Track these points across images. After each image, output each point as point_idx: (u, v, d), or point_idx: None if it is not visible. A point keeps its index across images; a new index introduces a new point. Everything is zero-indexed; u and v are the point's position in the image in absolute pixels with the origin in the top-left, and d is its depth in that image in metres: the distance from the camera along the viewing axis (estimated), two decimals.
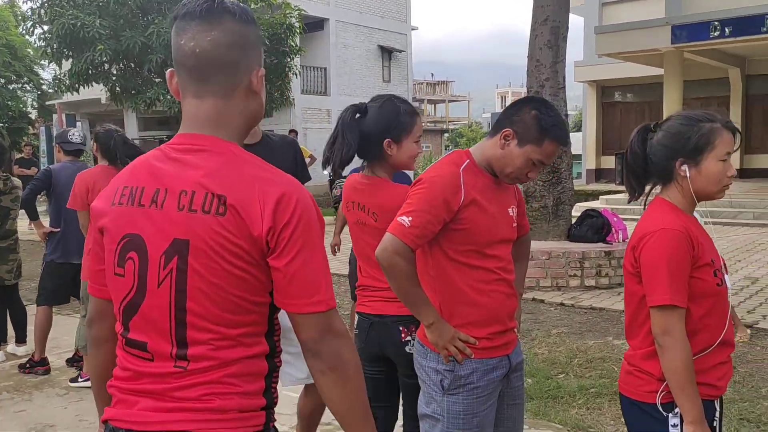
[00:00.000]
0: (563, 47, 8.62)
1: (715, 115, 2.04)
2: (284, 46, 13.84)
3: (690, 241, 1.95)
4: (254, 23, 1.46)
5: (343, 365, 1.41)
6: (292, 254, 1.35)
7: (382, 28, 26.89)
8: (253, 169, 1.39)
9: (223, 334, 1.38)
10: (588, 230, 8.12)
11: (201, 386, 1.38)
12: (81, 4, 12.39)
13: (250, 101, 1.46)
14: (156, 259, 1.37)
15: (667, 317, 1.92)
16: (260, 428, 1.42)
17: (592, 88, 21.70)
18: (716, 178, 1.99)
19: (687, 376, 1.92)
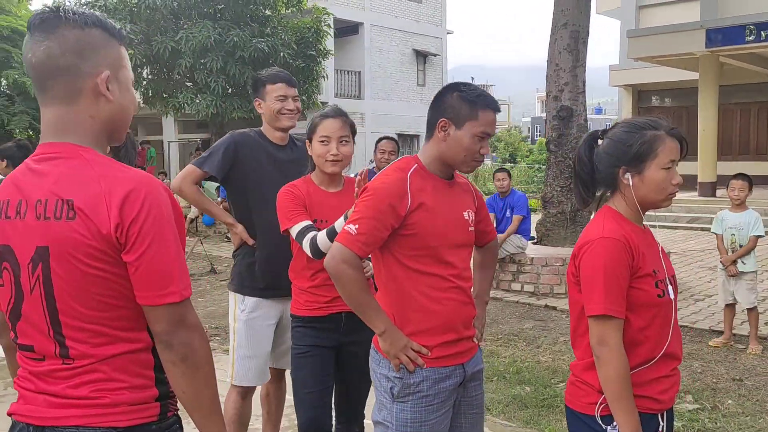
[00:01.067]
0: (583, 51, 8.52)
1: (659, 122, 1.99)
2: (312, 50, 13.95)
3: (629, 251, 1.90)
4: (99, 26, 1.47)
5: (194, 355, 1.46)
6: (142, 248, 1.40)
7: (418, 32, 26.90)
8: (102, 169, 1.43)
9: (97, 331, 1.44)
10: None
11: (90, 384, 1.45)
12: (113, 9, 12.74)
13: (101, 104, 1.48)
14: (25, 267, 1.44)
15: (603, 327, 1.89)
16: (155, 418, 1.49)
17: (628, 92, 21.30)
18: (659, 186, 1.94)
19: (622, 388, 1.87)
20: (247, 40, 12.43)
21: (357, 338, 2.85)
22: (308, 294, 2.84)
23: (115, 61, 1.50)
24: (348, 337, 2.88)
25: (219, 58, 12.39)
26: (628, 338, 1.92)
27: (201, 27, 12.36)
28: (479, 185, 20.31)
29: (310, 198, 2.81)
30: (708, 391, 4.68)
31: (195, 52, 12.36)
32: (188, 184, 3.23)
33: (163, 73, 13.70)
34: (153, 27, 12.88)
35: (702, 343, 5.79)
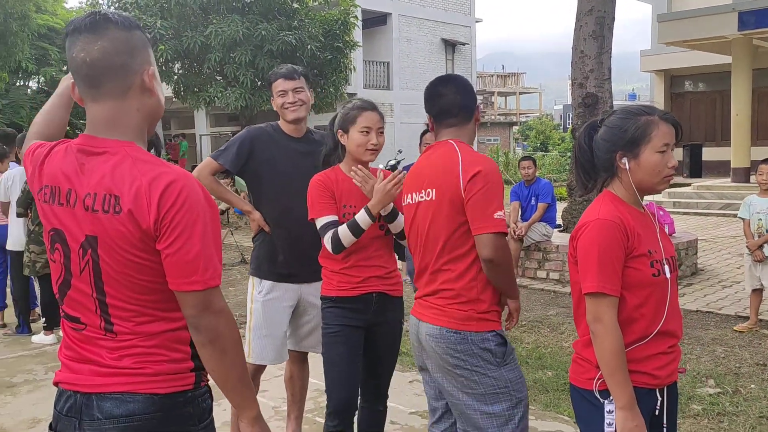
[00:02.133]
0: (609, 38, 8.46)
1: (653, 108, 2.09)
2: (339, 42, 14.05)
3: (624, 231, 1.99)
4: (138, 28, 1.64)
5: (220, 339, 1.59)
6: (172, 238, 1.53)
7: (446, 21, 26.79)
8: (144, 166, 1.57)
9: (139, 311, 1.60)
10: None
11: (133, 356, 1.60)
12: (144, 6, 13.00)
13: (145, 98, 1.63)
14: (76, 251, 1.59)
15: (597, 304, 1.98)
16: (190, 387, 1.64)
17: (660, 77, 20.98)
18: (655, 169, 2.03)
19: (616, 363, 1.95)
20: (274, 33, 12.58)
21: (386, 318, 3.04)
22: (340, 275, 2.97)
23: (152, 59, 1.66)
24: (377, 317, 3.02)
25: (248, 52, 12.56)
26: (624, 316, 2.00)
27: (230, 21, 12.55)
28: (510, 173, 20.13)
29: (338, 186, 2.96)
30: (730, 375, 4.70)
31: (224, 46, 12.55)
32: (205, 175, 3.41)
33: (193, 68, 13.94)
34: (183, 22, 13.10)
35: (726, 329, 5.79)
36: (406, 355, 5.17)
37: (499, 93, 50.29)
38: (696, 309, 6.39)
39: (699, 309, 6.38)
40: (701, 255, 8.79)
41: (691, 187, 15.23)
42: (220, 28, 12.41)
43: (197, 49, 12.61)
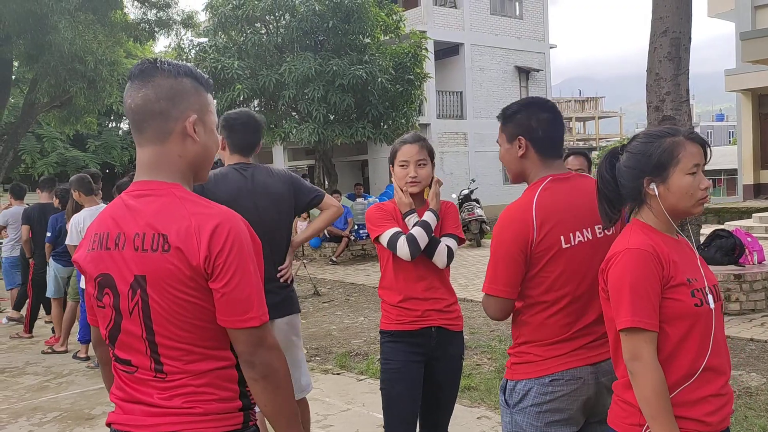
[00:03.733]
0: (686, 59, 8.15)
1: (677, 129, 1.95)
2: (410, 75, 14.18)
3: (658, 259, 1.84)
4: (189, 76, 1.67)
5: (274, 374, 1.61)
6: (227, 278, 1.55)
7: (519, 49, 26.65)
8: (192, 207, 1.60)
9: (188, 350, 1.61)
10: (717, 252, 7.55)
11: (182, 396, 1.62)
12: (222, 48, 13.55)
13: (188, 145, 1.66)
14: (125, 293, 1.62)
15: (634, 341, 1.82)
16: (239, 427, 1.65)
17: (747, 97, 20.06)
18: (687, 192, 1.89)
19: (659, 405, 1.79)
20: (345, 68, 12.83)
21: (446, 352, 3.01)
22: (399, 309, 2.96)
23: (202, 106, 1.68)
24: (437, 351, 2.98)
25: (320, 88, 12.85)
26: (666, 352, 1.84)
27: (303, 59, 12.90)
28: None
29: (396, 217, 3.02)
30: None
31: (297, 83, 12.89)
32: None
33: (269, 105, 14.37)
34: (259, 62, 13.57)
35: None
36: (475, 390, 5.06)
37: (577, 118, 49.42)
38: None
39: None
40: None
41: None
42: (293, 66, 12.77)
43: (272, 86, 13.00)
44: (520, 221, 2.23)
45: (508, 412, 2.32)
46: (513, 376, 2.31)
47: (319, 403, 5.03)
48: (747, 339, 6.16)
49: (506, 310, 2.29)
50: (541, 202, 2.24)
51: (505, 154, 2.40)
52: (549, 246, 2.21)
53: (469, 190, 15.10)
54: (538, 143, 2.33)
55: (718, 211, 17.58)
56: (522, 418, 2.27)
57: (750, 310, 7.04)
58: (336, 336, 7.24)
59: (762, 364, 5.46)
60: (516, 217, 2.25)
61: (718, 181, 38.56)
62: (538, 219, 2.21)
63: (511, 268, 2.22)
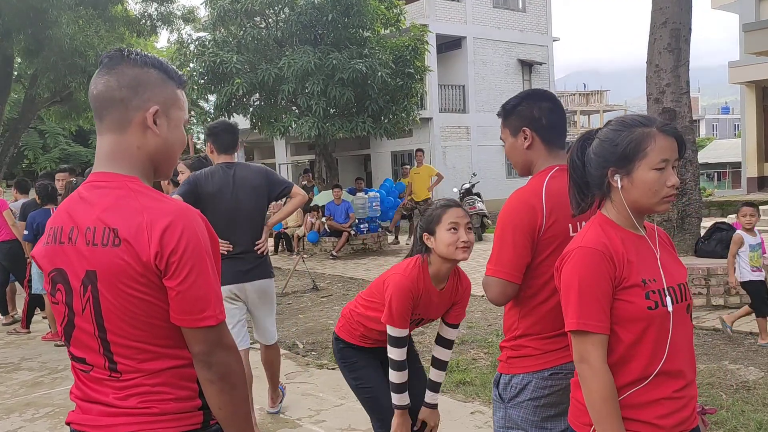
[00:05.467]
0: (686, 50, 8.09)
1: (652, 119, 1.82)
2: (410, 68, 14.10)
3: (611, 260, 1.75)
4: (157, 68, 1.62)
5: (231, 375, 1.56)
6: (182, 275, 1.50)
7: (522, 42, 26.50)
8: (146, 201, 1.55)
9: (142, 348, 1.57)
10: (717, 245, 7.50)
11: (138, 396, 1.58)
12: (221, 42, 13.50)
13: (148, 137, 1.61)
14: (77, 289, 1.57)
15: (581, 343, 1.76)
16: (198, 426, 1.61)
17: (751, 89, 19.91)
18: (651, 188, 1.77)
19: (605, 409, 1.72)
20: (345, 62, 12.76)
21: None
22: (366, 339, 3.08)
23: (168, 100, 1.63)
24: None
25: (319, 82, 12.79)
26: (618, 355, 1.77)
27: (302, 53, 12.83)
28: None
29: (422, 296, 2.81)
30: None
31: (297, 77, 12.83)
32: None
33: (269, 99, 14.32)
34: (258, 56, 13.52)
35: None
36: (470, 385, 5.02)
37: (581, 112, 49.24)
38: None
39: None
40: None
41: None
42: (293, 60, 12.71)
43: (271, 80, 12.95)
44: (530, 206, 2.19)
45: (501, 407, 2.27)
46: (510, 369, 2.25)
47: (312, 398, 5.00)
48: (746, 333, 6.10)
49: (507, 295, 2.22)
50: (550, 190, 2.21)
51: (511, 149, 2.36)
52: (556, 234, 2.18)
53: (471, 184, 15.02)
54: (542, 132, 2.30)
55: (721, 204, 17.46)
56: (517, 412, 2.22)
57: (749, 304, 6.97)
58: (333, 331, 7.18)
59: (760, 357, 5.40)
60: (526, 201, 2.21)
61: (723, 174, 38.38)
62: (548, 205, 2.19)
63: (518, 250, 2.18)
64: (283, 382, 5.35)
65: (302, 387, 5.31)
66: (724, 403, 4.47)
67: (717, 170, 39.66)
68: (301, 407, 4.83)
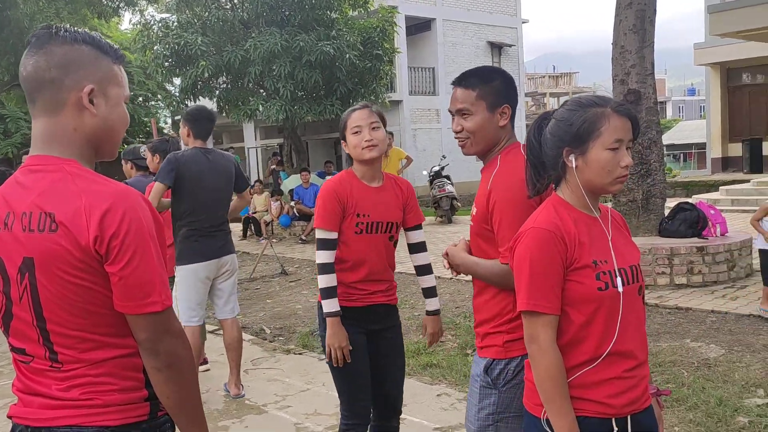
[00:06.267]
0: (650, 31, 8.12)
1: (607, 98, 1.84)
2: (378, 50, 13.99)
3: (562, 241, 1.77)
4: (89, 43, 1.53)
5: (179, 363, 1.52)
6: (125, 260, 1.44)
7: (491, 24, 26.50)
8: (84, 184, 1.48)
9: (83, 338, 1.51)
10: (681, 224, 7.59)
11: (80, 387, 1.52)
12: (185, 24, 13.23)
13: (85, 118, 1.53)
14: (14, 277, 1.51)
15: (531, 324, 1.78)
16: (145, 417, 1.55)
17: (716, 71, 20.17)
18: (604, 168, 1.78)
19: (553, 389, 1.74)
20: (313, 44, 12.60)
21: (388, 324, 3.06)
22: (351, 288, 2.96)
23: (105, 77, 1.54)
24: (377, 324, 3.02)
25: (287, 64, 12.61)
26: (569, 335, 1.79)
27: (268, 34, 12.63)
28: None
29: (352, 195, 2.92)
30: None
31: (263, 59, 12.63)
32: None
33: (236, 82, 14.10)
34: (224, 38, 13.27)
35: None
36: (437, 367, 5.03)
37: (551, 94, 49.58)
38: (749, 313, 6.02)
39: (752, 313, 6.01)
40: None
41: (750, 183, 14.54)
42: (259, 42, 12.50)
43: (238, 63, 12.73)
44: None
45: (493, 393, 2.21)
46: (507, 354, 2.18)
47: (278, 384, 4.97)
48: (708, 311, 6.20)
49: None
50: None
51: (485, 124, 2.26)
52: None
53: (440, 167, 15.00)
54: (514, 111, 2.31)
55: (686, 185, 17.74)
56: (513, 394, 2.18)
57: (712, 282, 7.10)
58: (301, 315, 7.16)
59: (722, 335, 5.50)
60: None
61: (689, 155, 38.92)
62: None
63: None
64: (249, 368, 5.32)
65: (268, 372, 5.28)
66: (685, 381, 4.54)
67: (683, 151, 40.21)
68: (266, 393, 4.80)
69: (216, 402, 4.64)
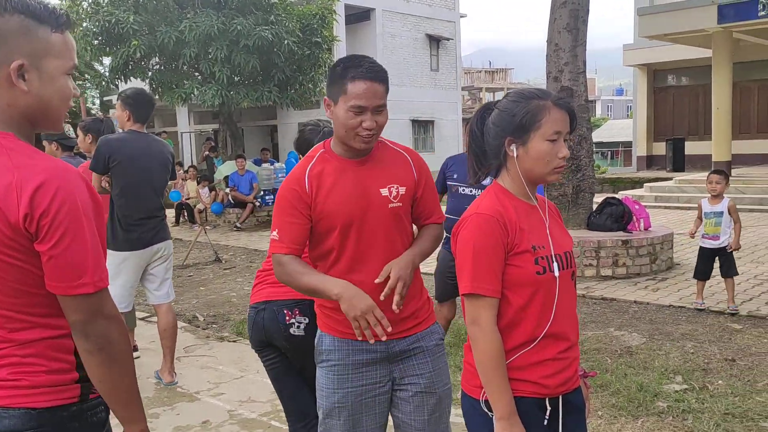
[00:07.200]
0: (583, 30, 8.37)
1: (547, 92, 1.92)
2: (317, 37, 13.88)
3: (504, 226, 1.84)
4: (20, 12, 1.43)
5: (111, 346, 1.48)
6: (55, 239, 1.40)
7: (430, 17, 26.69)
8: (19, 159, 1.42)
9: (12, 317, 1.46)
10: (607, 219, 7.89)
11: (7, 367, 1.48)
12: (117, 1, 12.78)
13: (17, 94, 1.45)
14: None
15: (473, 306, 1.84)
16: (75, 400, 1.51)
17: (643, 71, 20.94)
18: (543, 158, 1.86)
19: (493, 370, 1.81)
20: (250, 28, 12.39)
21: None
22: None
23: (38, 50, 1.45)
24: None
25: (223, 48, 12.37)
26: (508, 318, 1.86)
27: (204, 16, 12.35)
28: None
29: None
30: (698, 371, 4.62)
31: (199, 41, 12.35)
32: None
33: (171, 64, 13.73)
34: (158, 17, 12.89)
35: (698, 323, 5.72)
36: None
37: (487, 89, 50.33)
38: (669, 304, 6.32)
39: (672, 304, 6.32)
40: (679, 249, 8.72)
41: (672, 181, 15.20)
42: (194, 23, 12.21)
43: (172, 44, 12.40)
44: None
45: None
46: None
47: (211, 371, 4.91)
48: (631, 301, 6.48)
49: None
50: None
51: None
52: None
53: None
54: None
55: (613, 181, 18.39)
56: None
57: (636, 274, 7.41)
58: (235, 303, 7.08)
59: (643, 324, 5.75)
60: None
61: (615, 152, 40.35)
62: None
63: None
64: (182, 356, 5.24)
65: (201, 360, 5.21)
66: (608, 367, 4.73)
67: (611, 149, 41.64)
68: (199, 380, 4.73)
69: (147, 390, 4.54)
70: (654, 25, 14.41)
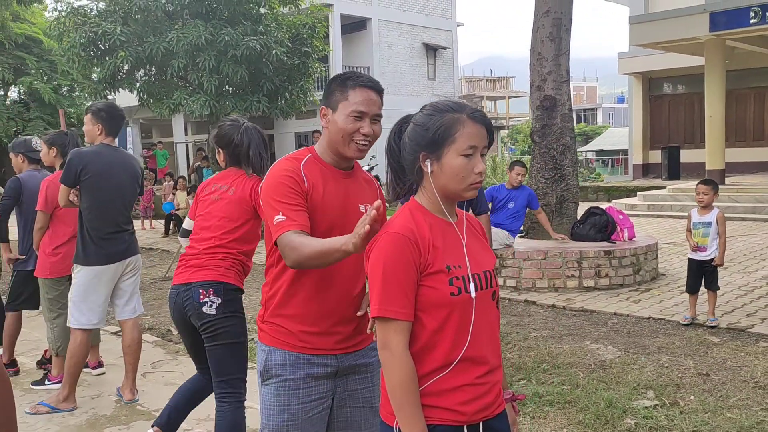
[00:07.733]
0: (566, 39, 8.32)
1: (463, 104, 1.83)
2: (307, 47, 13.85)
3: (416, 246, 1.74)
4: None
5: None
6: None
7: (427, 26, 26.72)
8: None
9: None
10: (591, 229, 7.79)
11: None
12: (104, 12, 12.77)
13: None
14: None
15: (383, 330, 1.74)
16: None
17: (638, 80, 20.87)
18: (458, 174, 1.77)
19: (404, 396, 1.72)
20: (238, 38, 12.36)
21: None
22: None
23: None
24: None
25: (211, 58, 12.33)
26: (422, 342, 1.76)
27: (192, 27, 12.33)
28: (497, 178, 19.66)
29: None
30: (671, 386, 4.51)
31: (187, 52, 12.32)
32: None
33: (160, 75, 13.72)
34: (146, 28, 12.88)
35: (675, 336, 5.61)
36: None
37: (488, 97, 50.33)
38: (648, 316, 6.21)
39: (651, 316, 6.20)
40: (666, 259, 8.62)
41: (665, 190, 15.09)
42: (182, 34, 12.18)
43: (160, 55, 12.37)
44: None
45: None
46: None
47: (174, 388, 4.80)
48: (611, 313, 6.37)
49: None
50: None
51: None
52: None
53: (369, 167, 14.99)
54: None
55: (608, 190, 18.28)
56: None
57: (618, 285, 7.31)
58: None
59: (620, 337, 5.65)
60: None
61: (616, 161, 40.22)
62: None
63: None
64: (147, 372, 5.15)
65: (167, 376, 5.12)
66: (580, 382, 4.63)
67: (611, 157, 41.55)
68: (161, 397, 4.63)
69: (105, 407, 4.45)
70: (646, 33, 14.36)
